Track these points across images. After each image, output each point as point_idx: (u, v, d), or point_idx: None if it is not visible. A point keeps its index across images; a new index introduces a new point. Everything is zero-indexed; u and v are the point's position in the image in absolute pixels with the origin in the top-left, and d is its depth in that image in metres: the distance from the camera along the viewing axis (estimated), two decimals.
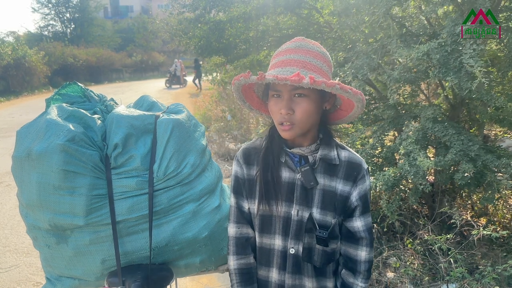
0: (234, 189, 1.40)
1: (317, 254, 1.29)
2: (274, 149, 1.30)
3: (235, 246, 1.40)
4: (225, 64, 7.80)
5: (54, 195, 1.59)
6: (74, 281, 1.74)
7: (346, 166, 1.27)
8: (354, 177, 1.27)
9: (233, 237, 1.40)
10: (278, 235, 1.32)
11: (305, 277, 1.33)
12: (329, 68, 1.21)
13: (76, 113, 1.74)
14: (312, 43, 1.21)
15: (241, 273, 1.39)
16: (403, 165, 2.80)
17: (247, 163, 1.36)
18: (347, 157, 1.28)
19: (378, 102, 3.94)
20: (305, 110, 1.16)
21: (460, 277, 2.60)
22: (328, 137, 1.29)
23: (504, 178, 2.75)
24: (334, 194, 1.26)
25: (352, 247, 1.31)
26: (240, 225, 1.39)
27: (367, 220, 1.29)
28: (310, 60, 1.15)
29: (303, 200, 1.27)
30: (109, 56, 30.58)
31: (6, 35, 26.38)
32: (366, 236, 1.29)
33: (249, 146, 1.40)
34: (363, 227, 1.29)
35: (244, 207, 1.38)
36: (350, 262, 1.31)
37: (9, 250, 3.99)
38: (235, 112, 9.68)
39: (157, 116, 1.83)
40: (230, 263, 1.41)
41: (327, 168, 1.27)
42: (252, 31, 5.18)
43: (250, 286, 1.40)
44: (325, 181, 1.26)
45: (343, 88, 1.09)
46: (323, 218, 1.26)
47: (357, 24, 3.54)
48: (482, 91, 2.64)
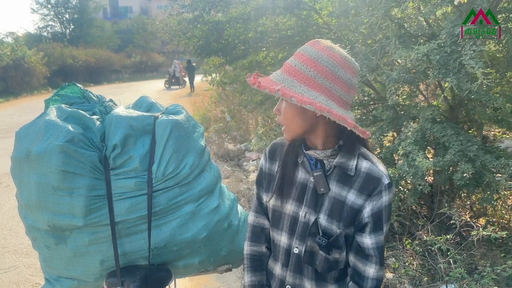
0: (257, 180, 1.47)
1: (319, 259, 1.28)
2: (294, 148, 1.32)
3: (251, 233, 1.49)
4: (224, 65, 7.80)
5: (53, 196, 1.59)
6: (73, 281, 1.74)
7: (363, 178, 1.21)
8: (369, 191, 1.20)
9: (251, 224, 1.50)
10: (285, 232, 1.34)
11: (305, 278, 1.33)
12: (320, 71, 1.11)
13: (75, 114, 1.74)
14: (316, 47, 1.14)
15: (252, 259, 1.48)
16: (402, 165, 2.80)
17: (271, 158, 1.40)
18: (367, 169, 1.21)
19: (377, 103, 3.94)
20: (286, 112, 1.18)
21: (459, 278, 2.61)
22: (350, 144, 1.22)
23: (503, 178, 2.75)
24: (343, 204, 1.22)
25: (360, 262, 1.26)
26: (257, 214, 1.48)
27: (378, 239, 1.22)
28: (299, 67, 1.13)
29: (312, 204, 1.27)
30: (108, 57, 30.59)
31: (5, 35, 26.40)
32: (376, 254, 1.23)
33: (277, 142, 1.42)
34: (372, 245, 1.22)
35: (262, 199, 1.44)
36: (357, 277, 1.27)
37: (8, 251, 3.99)
38: (234, 113, 9.68)
39: (156, 117, 1.83)
40: (245, 247, 1.50)
41: (342, 176, 1.23)
42: (251, 32, 5.18)
43: (259, 272, 1.47)
44: (336, 189, 1.24)
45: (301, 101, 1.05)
46: (329, 226, 1.24)
47: (356, 25, 3.55)
48: (481, 92, 2.65)
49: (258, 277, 1.47)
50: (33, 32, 33.83)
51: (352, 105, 3.93)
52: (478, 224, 3.44)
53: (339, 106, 1.13)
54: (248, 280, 1.47)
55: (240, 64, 6.07)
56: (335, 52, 1.14)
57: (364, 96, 3.99)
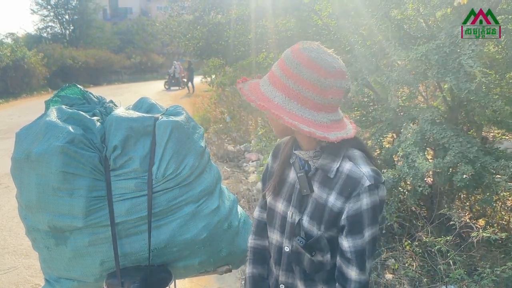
0: (262, 176, 1.50)
1: (306, 260, 1.28)
2: (289, 148, 1.34)
3: (256, 227, 1.52)
4: (224, 66, 7.81)
5: (53, 197, 1.59)
6: (73, 282, 1.74)
7: (343, 179, 1.17)
8: (348, 193, 1.15)
9: (255, 218, 1.53)
10: (277, 230, 1.35)
11: (296, 278, 1.34)
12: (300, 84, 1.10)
13: (75, 115, 1.75)
14: (300, 57, 1.10)
15: (255, 251, 1.50)
16: (401, 167, 2.81)
17: (274, 156, 1.44)
18: (348, 170, 1.17)
19: (376, 104, 3.95)
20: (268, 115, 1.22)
21: (458, 279, 2.61)
22: (332, 147, 1.19)
23: (502, 179, 2.75)
24: (324, 206, 1.20)
25: (343, 263, 1.22)
26: (262, 210, 1.52)
27: (356, 242, 1.17)
28: (278, 73, 1.15)
29: (298, 204, 1.28)
30: (108, 57, 30.57)
31: (5, 36, 26.28)
32: (353, 258, 1.18)
33: (282, 140, 1.45)
34: (350, 248, 1.18)
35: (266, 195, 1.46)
36: (341, 278, 1.24)
37: (8, 252, 3.98)
38: (234, 114, 9.68)
39: (156, 118, 1.84)
40: (249, 240, 1.53)
41: (324, 178, 1.22)
42: (251, 33, 5.19)
43: (261, 265, 1.49)
44: (318, 191, 1.23)
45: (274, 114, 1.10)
46: (310, 228, 1.24)
47: (355, 26, 3.56)
48: (480, 93, 2.65)
49: (258, 270, 1.48)
50: (33, 33, 33.81)
51: (351, 106, 3.96)
52: (478, 225, 3.44)
53: (310, 109, 1.11)
54: (249, 272, 1.49)
55: (240, 65, 6.09)
56: (304, 53, 1.10)
57: (363, 98, 4.00)
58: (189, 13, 6.05)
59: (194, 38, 5.96)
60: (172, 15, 7.08)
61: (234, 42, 5.53)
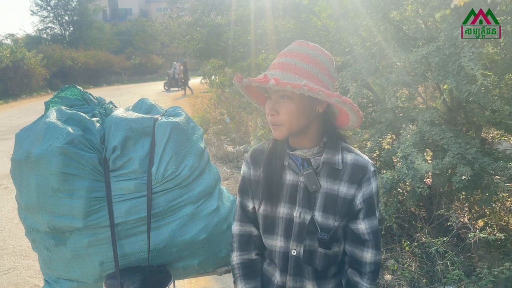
0: (240, 188, 1.44)
1: (319, 257, 1.30)
2: (277, 152, 1.32)
3: (239, 243, 1.46)
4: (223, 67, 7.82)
5: (53, 198, 1.59)
6: (72, 283, 1.74)
7: (351, 169, 1.26)
8: (359, 179, 1.25)
9: (237, 234, 1.46)
10: (280, 236, 1.33)
11: (306, 280, 1.34)
12: (324, 70, 1.20)
13: (75, 116, 1.75)
14: (306, 46, 1.21)
15: (243, 266, 1.44)
16: (401, 168, 2.81)
17: (254, 164, 1.39)
18: (353, 160, 1.26)
19: (376, 105, 3.95)
20: (288, 111, 1.18)
21: (457, 280, 2.61)
22: (333, 140, 1.28)
23: (501, 181, 2.76)
24: (337, 197, 1.26)
25: (358, 248, 1.30)
26: (243, 223, 1.45)
27: (372, 223, 1.28)
28: (296, 62, 1.17)
29: (305, 203, 1.28)
30: (107, 58, 30.62)
31: (4, 37, 26.39)
32: (371, 238, 1.27)
33: (257, 147, 1.42)
34: (367, 229, 1.27)
35: (248, 206, 1.41)
36: (356, 263, 1.31)
37: (7, 253, 3.98)
38: (234, 114, 9.69)
39: (155, 119, 1.84)
40: (233, 258, 1.46)
41: (331, 171, 1.27)
42: (251, 34, 5.20)
43: (253, 280, 1.44)
44: (328, 184, 1.26)
45: (310, 89, 1.09)
46: (325, 221, 1.26)
47: (354, 27, 3.56)
48: (479, 94, 2.66)
49: (251, 284, 1.43)
50: (33, 34, 33.85)
51: None
52: (476, 226, 3.45)
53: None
54: None
55: (240, 66, 6.09)
56: (325, 51, 1.23)
57: (363, 99, 4.00)
58: (189, 15, 6.07)
59: (194, 39, 5.96)
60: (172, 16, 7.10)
61: (233, 43, 5.53)
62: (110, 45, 37.17)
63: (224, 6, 5.38)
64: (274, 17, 4.84)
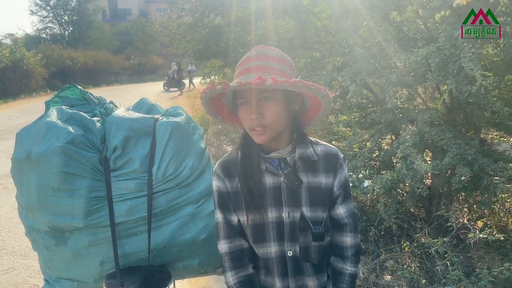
0: (219, 204, 1.35)
1: (314, 251, 1.31)
2: (252, 158, 1.29)
3: (231, 261, 1.35)
4: (223, 68, 7.82)
5: (53, 197, 1.59)
6: (72, 283, 1.74)
7: (324, 159, 1.31)
8: (333, 167, 1.31)
9: (227, 253, 1.34)
10: (274, 241, 1.31)
11: (306, 277, 1.34)
12: (292, 70, 1.24)
13: (75, 116, 1.75)
14: (272, 49, 1.25)
15: (243, 285, 1.34)
16: (400, 168, 2.81)
17: (228, 176, 1.33)
18: (324, 151, 1.32)
19: (375, 106, 3.96)
20: (275, 112, 1.18)
21: (456, 280, 2.61)
22: (301, 136, 1.31)
23: (500, 181, 2.76)
24: (320, 189, 1.30)
25: (338, 234, 1.35)
26: (231, 239, 1.34)
27: (349, 206, 1.34)
28: (271, 64, 1.18)
29: (292, 201, 1.28)
30: (107, 59, 30.60)
31: (4, 37, 26.30)
32: (350, 221, 1.34)
33: (225, 159, 1.37)
34: (345, 213, 1.33)
35: (233, 221, 1.34)
36: (338, 249, 1.36)
37: (7, 253, 3.98)
38: None
39: (156, 119, 1.84)
40: (229, 279, 1.35)
41: (308, 165, 1.30)
42: (251, 35, 5.20)
43: None
44: (308, 178, 1.29)
45: (305, 85, 1.11)
46: (315, 215, 1.29)
47: (354, 28, 3.57)
48: (479, 95, 2.66)
49: None
50: (32, 34, 33.80)
51: (350, 107, 3.97)
52: (476, 227, 3.46)
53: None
54: None
55: None
56: (271, 47, 1.28)
57: (362, 99, 4.00)
58: (189, 15, 6.06)
59: (194, 40, 5.96)
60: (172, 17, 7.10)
61: (233, 44, 5.54)
62: (109, 45, 37.15)
63: (224, 7, 5.38)
64: (274, 18, 4.84)
